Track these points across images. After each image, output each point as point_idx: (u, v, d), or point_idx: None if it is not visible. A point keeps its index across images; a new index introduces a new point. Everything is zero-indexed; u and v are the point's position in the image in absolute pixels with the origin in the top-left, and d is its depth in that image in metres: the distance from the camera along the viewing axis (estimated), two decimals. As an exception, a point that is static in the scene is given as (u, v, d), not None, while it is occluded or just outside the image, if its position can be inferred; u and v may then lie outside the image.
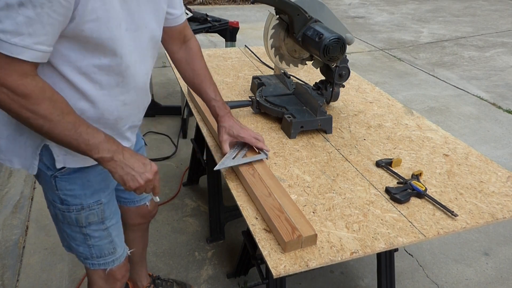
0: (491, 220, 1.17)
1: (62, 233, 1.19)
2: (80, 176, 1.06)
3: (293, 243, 1.01)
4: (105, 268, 1.23)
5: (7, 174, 2.59)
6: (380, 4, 8.05)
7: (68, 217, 1.10)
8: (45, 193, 1.12)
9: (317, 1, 1.60)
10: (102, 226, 1.16)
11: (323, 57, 1.48)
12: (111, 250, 1.22)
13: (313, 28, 1.53)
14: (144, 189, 1.03)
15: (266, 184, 1.20)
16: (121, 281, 1.30)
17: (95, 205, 1.11)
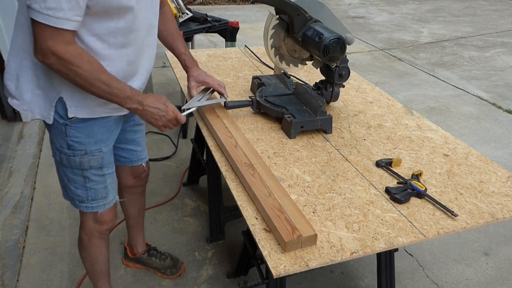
0: (491, 220, 1.17)
1: (63, 178, 1.35)
2: (86, 126, 1.24)
3: (293, 243, 1.01)
4: (96, 211, 1.41)
5: (7, 174, 2.59)
6: (380, 4, 8.05)
7: (73, 160, 1.28)
8: (53, 142, 1.28)
9: (317, 1, 1.60)
10: (100, 172, 1.34)
11: (323, 57, 1.48)
12: (104, 194, 1.40)
13: (313, 28, 1.53)
14: (169, 126, 1.29)
15: (266, 184, 1.20)
16: (107, 224, 1.48)
17: (96, 152, 1.29)
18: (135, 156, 1.61)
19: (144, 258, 1.96)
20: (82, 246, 1.54)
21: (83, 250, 1.56)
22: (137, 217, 1.86)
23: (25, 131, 3.07)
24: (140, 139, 1.60)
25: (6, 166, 2.67)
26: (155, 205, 2.41)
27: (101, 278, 1.65)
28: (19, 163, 2.70)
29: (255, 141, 1.48)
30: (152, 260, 1.95)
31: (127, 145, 1.55)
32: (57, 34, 1.02)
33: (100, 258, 1.59)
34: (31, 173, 2.61)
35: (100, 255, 1.58)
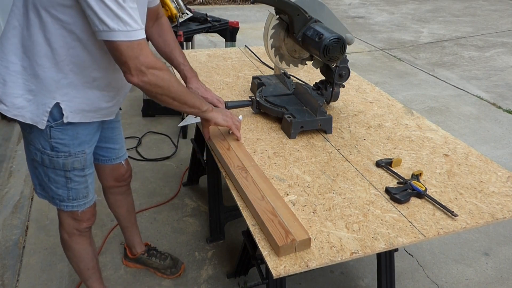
0: (491, 220, 1.17)
1: (43, 178, 1.33)
2: (71, 128, 1.24)
3: (287, 248, 1.00)
4: (77, 209, 1.40)
5: (7, 174, 2.59)
6: (380, 4, 8.05)
7: (56, 162, 1.27)
8: (32, 142, 1.25)
9: (317, 1, 1.60)
10: (82, 173, 1.34)
11: (323, 57, 1.48)
12: (85, 194, 1.40)
13: (313, 28, 1.53)
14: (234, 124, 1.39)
15: (259, 187, 1.19)
16: (87, 222, 1.47)
17: (80, 154, 1.29)
18: (114, 154, 1.59)
19: (144, 258, 1.96)
20: (65, 245, 1.53)
21: (67, 250, 1.54)
22: (128, 217, 1.85)
23: (25, 131, 3.07)
24: (117, 136, 1.58)
25: (6, 166, 2.67)
26: (155, 205, 2.41)
27: (89, 277, 1.63)
28: (19, 163, 2.70)
29: (255, 141, 1.48)
30: (152, 260, 1.95)
31: (105, 143, 1.54)
32: (142, 47, 1.04)
33: (84, 255, 1.56)
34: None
35: (84, 253, 1.56)
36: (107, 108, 1.31)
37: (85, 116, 1.24)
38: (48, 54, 1.11)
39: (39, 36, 1.09)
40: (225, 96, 1.82)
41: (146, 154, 2.87)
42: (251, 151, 1.42)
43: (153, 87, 1.11)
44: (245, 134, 1.52)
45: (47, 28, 1.07)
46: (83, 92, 1.20)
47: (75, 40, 1.10)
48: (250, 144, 1.46)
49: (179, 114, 3.33)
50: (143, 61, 1.05)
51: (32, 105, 1.17)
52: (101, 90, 1.23)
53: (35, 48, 1.10)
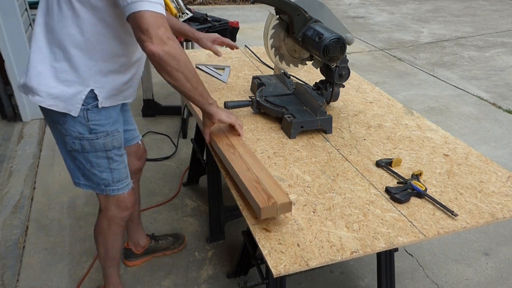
0: (491, 220, 1.17)
1: (86, 166, 1.39)
2: (103, 109, 1.32)
3: (269, 209, 1.06)
4: (122, 192, 1.48)
5: (7, 174, 2.59)
6: (380, 4, 8.06)
7: (97, 143, 1.34)
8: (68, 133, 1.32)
9: (317, 1, 1.60)
10: (119, 152, 1.43)
11: (323, 57, 1.48)
12: (125, 174, 1.48)
13: (313, 28, 1.53)
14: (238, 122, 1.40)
15: (245, 161, 1.25)
16: (129, 210, 1.54)
17: (115, 132, 1.38)
18: (131, 135, 1.69)
19: (152, 246, 2.03)
20: (101, 231, 1.59)
21: (101, 236, 1.60)
22: (138, 208, 1.93)
23: (25, 131, 3.07)
24: (130, 118, 1.68)
25: (6, 166, 2.67)
26: (155, 205, 2.41)
27: (112, 265, 1.70)
28: (19, 163, 2.70)
29: (255, 141, 1.48)
30: (159, 244, 2.05)
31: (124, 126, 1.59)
32: (164, 20, 1.12)
33: (115, 245, 1.64)
34: (31, 173, 2.61)
35: (116, 243, 1.63)
36: (127, 89, 1.40)
37: (113, 100, 1.34)
38: (81, 43, 1.19)
39: (72, 27, 1.17)
40: (225, 96, 1.82)
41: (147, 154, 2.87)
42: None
43: (172, 58, 1.14)
44: (245, 134, 1.52)
45: (80, 18, 1.16)
46: (111, 77, 1.29)
47: (105, 27, 1.19)
48: (250, 144, 1.46)
49: (179, 114, 3.33)
50: (164, 32, 1.11)
51: (66, 95, 1.24)
52: (124, 74, 1.34)
53: (68, 39, 1.18)
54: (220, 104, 1.73)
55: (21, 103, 3.11)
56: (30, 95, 1.26)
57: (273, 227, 1.09)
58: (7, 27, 2.83)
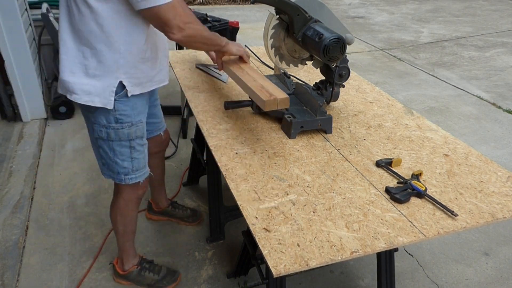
0: (491, 220, 1.17)
1: (109, 154, 1.48)
2: (130, 100, 1.41)
3: (271, 103, 1.34)
4: (139, 181, 1.59)
5: (7, 174, 2.59)
6: (380, 4, 8.06)
7: (121, 133, 1.44)
8: (96, 122, 1.42)
9: (317, 1, 1.60)
10: (141, 142, 1.52)
11: (323, 57, 1.48)
12: (143, 164, 1.59)
13: (313, 28, 1.53)
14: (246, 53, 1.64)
15: (251, 75, 1.55)
16: (143, 189, 1.68)
17: (139, 123, 1.48)
18: (155, 127, 1.83)
19: (168, 210, 2.25)
20: (119, 210, 1.70)
21: (119, 215, 1.71)
22: (161, 177, 2.14)
23: (25, 131, 3.07)
24: (158, 112, 1.82)
25: (6, 166, 2.67)
26: (155, 205, 2.41)
27: (129, 239, 1.81)
28: (19, 163, 2.70)
29: (255, 141, 1.48)
30: (176, 211, 2.26)
31: (149, 119, 1.72)
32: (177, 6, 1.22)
33: (133, 220, 1.77)
34: (31, 173, 2.61)
35: (134, 218, 1.77)
36: (156, 74, 1.48)
37: (143, 87, 1.43)
38: (103, 38, 1.26)
39: (92, 24, 1.24)
40: (225, 96, 1.82)
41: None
42: (251, 151, 1.42)
43: (192, 38, 1.33)
44: (245, 134, 1.52)
45: (97, 15, 1.22)
46: (139, 66, 1.37)
47: (122, 18, 1.25)
48: (250, 144, 1.46)
49: (179, 114, 3.33)
50: (180, 19, 1.24)
51: (98, 89, 1.33)
52: (149, 60, 1.41)
53: (91, 36, 1.26)
54: (220, 105, 1.73)
55: (21, 103, 3.11)
56: (68, 94, 1.35)
57: (273, 227, 1.10)
58: (7, 27, 2.83)
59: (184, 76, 2.01)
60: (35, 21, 3.36)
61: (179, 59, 2.21)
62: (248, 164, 1.35)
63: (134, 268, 1.87)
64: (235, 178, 1.28)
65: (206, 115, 1.65)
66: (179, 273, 1.95)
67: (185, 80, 1.96)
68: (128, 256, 1.86)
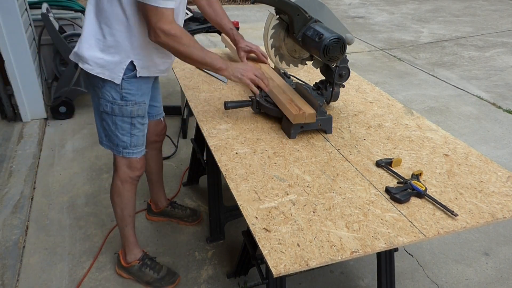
0: (491, 220, 1.17)
1: (111, 127, 1.59)
2: (136, 81, 1.53)
3: (299, 117, 1.47)
4: (136, 156, 1.67)
5: (7, 174, 2.59)
6: (380, 4, 8.06)
7: (125, 109, 1.54)
8: (103, 96, 1.53)
9: (317, 1, 1.60)
10: (142, 121, 1.62)
11: (323, 57, 1.48)
12: (142, 142, 1.67)
13: (313, 28, 1.53)
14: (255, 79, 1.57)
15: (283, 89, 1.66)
16: (139, 171, 1.73)
17: (142, 103, 1.58)
18: (156, 111, 1.89)
19: (168, 210, 2.26)
20: (116, 191, 1.76)
21: (116, 196, 1.77)
22: (159, 172, 2.14)
23: (25, 131, 3.07)
24: (159, 96, 1.89)
25: (6, 166, 2.67)
26: (155, 205, 2.41)
27: (128, 224, 1.84)
28: (19, 163, 2.70)
29: (255, 141, 1.48)
30: (175, 211, 2.26)
31: (151, 101, 1.78)
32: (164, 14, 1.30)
33: (131, 203, 1.80)
34: (31, 173, 2.61)
35: (131, 200, 1.80)
36: (162, 63, 1.57)
37: (149, 71, 1.54)
38: (124, 21, 1.39)
39: (117, 8, 1.37)
40: (225, 96, 1.82)
41: (146, 154, 2.87)
42: (251, 151, 1.42)
43: (169, 48, 1.40)
44: (245, 134, 1.52)
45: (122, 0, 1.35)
46: (149, 50, 1.48)
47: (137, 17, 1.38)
48: (250, 144, 1.46)
49: (179, 114, 3.33)
50: (162, 26, 1.32)
51: (111, 64, 1.45)
52: (158, 48, 1.48)
53: (113, 16, 1.38)
54: (220, 105, 1.73)
55: (21, 103, 3.11)
56: (81, 63, 1.47)
57: (273, 227, 1.10)
58: (7, 27, 2.83)
59: (184, 76, 2.01)
60: (35, 21, 3.36)
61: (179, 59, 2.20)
62: (248, 164, 1.35)
63: (136, 262, 1.89)
64: (235, 178, 1.28)
65: (206, 115, 1.65)
66: (179, 275, 1.94)
67: (185, 80, 1.96)
68: (129, 244, 1.88)
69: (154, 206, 2.25)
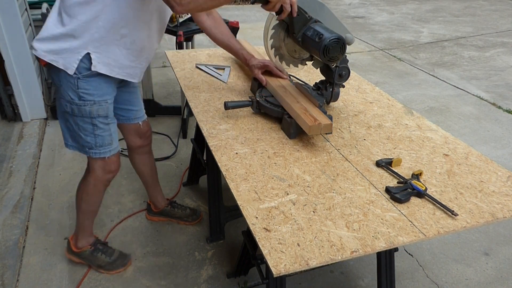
0: (491, 220, 1.17)
1: (74, 128, 1.56)
2: (94, 81, 1.47)
3: (315, 128, 1.41)
4: (104, 156, 1.63)
5: (7, 174, 2.59)
6: (380, 4, 8.06)
7: (83, 110, 1.50)
8: (63, 96, 1.50)
9: (317, 1, 1.60)
10: (105, 121, 1.56)
11: (323, 57, 1.48)
12: (109, 141, 1.62)
13: (313, 28, 1.53)
14: (280, 2, 1.42)
15: (295, 96, 1.61)
16: (114, 173, 1.72)
17: (103, 102, 1.52)
18: (132, 114, 1.84)
19: (167, 210, 2.26)
20: (86, 190, 1.76)
21: (85, 193, 1.77)
22: (152, 174, 2.12)
23: (25, 131, 3.07)
24: (136, 100, 1.84)
25: (6, 166, 2.67)
26: (155, 205, 2.41)
27: (89, 218, 1.88)
28: (19, 163, 2.70)
29: (255, 141, 1.48)
30: (175, 211, 2.26)
31: (124, 105, 1.79)
32: None
33: (98, 202, 1.83)
34: (31, 173, 2.61)
35: (98, 200, 1.82)
36: (130, 67, 1.53)
37: (110, 70, 1.48)
38: (86, 11, 1.34)
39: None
40: (225, 96, 1.82)
41: (146, 154, 2.87)
42: (251, 151, 1.42)
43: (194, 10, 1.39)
44: (245, 134, 1.52)
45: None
46: (112, 47, 1.43)
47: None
48: (250, 144, 1.46)
49: (179, 114, 3.33)
50: None
51: (66, 53, 1.40)
52: (126, 48, 1.46)
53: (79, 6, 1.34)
54: (220, 105, 1.73)
55: (21, 103, 3.11)
56: (34, 50, 1.43)
57: (273, 226, 1.10)
58: (7, 27, 2.83)
59: (184, 76, 2.01)
60: (35, 21, 3.36)
61: (179, 59, 2.21)
62: (248, 164, 1.35)
63: (87, 247, 1.92)
64: (235, 178, 1.28)
65: (206, 115, 1.65)
66: (130, 257, 2.01)
67: (185, 80, 1.96)
68: (84, 233, 1.91)
69: (153, 206, 2.26)
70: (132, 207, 2.37)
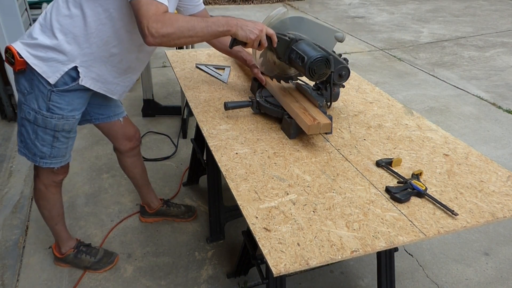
0: (491, 219, 1.17)
1: (30, 136, 1.51)
2: (68, 95, 1.46)
3: (314, 127, 1.41)
4: (53, 166, 1.61)
5: (7, 174, 2.59)
6: (380, 4, 8.06)
7: (49, 122, 1.47)
8: (28, 103, 1.45)
9: (295, 17, 1.59)
10: (67, 135, 1.56)
11: (311, 77, 1.47)
12: (63, 153, 1.61)
13: (295, 50, 1.49)
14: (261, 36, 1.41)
15: (295, 97, 1.61)
16: (63, 175, 1.71)
17: (71, 118, 1.51)
18: (110, 111, 1.79)
19: (163, 209, 2.25)
20: (40, 195, 1.74)
21: (41, 199, 1.75)
22: (143, 176, 2.11)
23: (25, 131, 3.07)
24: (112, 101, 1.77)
25: (6, 166, 2.67)
26: (155, 205, 2.41)
27: (58, 222, 1.86)
28: (19, 163, 2.70)
29: (255, 141, 1.48)
30: (170, 209, 2.27)
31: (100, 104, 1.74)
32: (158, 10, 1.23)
33: (57, 203, 1.80)
34: (31, 173, 2.61)
35: (57, 201, 1.80)
36: (112, 83, 1.52)
37: (94, 84, 1.47)
38: (82, 26, 1.35)
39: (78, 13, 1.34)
40: (225, 96, 1.82)
41: (146, 154, 2.88)
42: (251, 151, 1.42)
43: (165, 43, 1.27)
44: (245, 134, 1.52)
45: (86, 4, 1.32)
46: (98, 63, 1.43)
47: (107, 18, 1.35)
48: (250, 144, 1.46)
49: (179, 114, 3.33)
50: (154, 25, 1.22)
51: (53, 61, 1.38)
52: (112, 66, 1.46)
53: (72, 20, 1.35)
54: (220, 105, 1.73)
55: (21, 103, 3.11)
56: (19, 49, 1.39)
57: (273, 226, 1.10)
58: (7, 27, 2.83)
59: (184, 76, 2.01)
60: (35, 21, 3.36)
61: (179, 59, 2.21)
62: (248, 164, 1.35)
63: (70, 251, 1.93)
64: (235, 178, 1.28)
65: (206, 115, 1.65)
66: (117, 255, 2.00)
67: (185, 80, 1.96)
68: (61, 239, 1.91)
69: (148, 207, 2.24)
70: (132, 207, 2.37)
